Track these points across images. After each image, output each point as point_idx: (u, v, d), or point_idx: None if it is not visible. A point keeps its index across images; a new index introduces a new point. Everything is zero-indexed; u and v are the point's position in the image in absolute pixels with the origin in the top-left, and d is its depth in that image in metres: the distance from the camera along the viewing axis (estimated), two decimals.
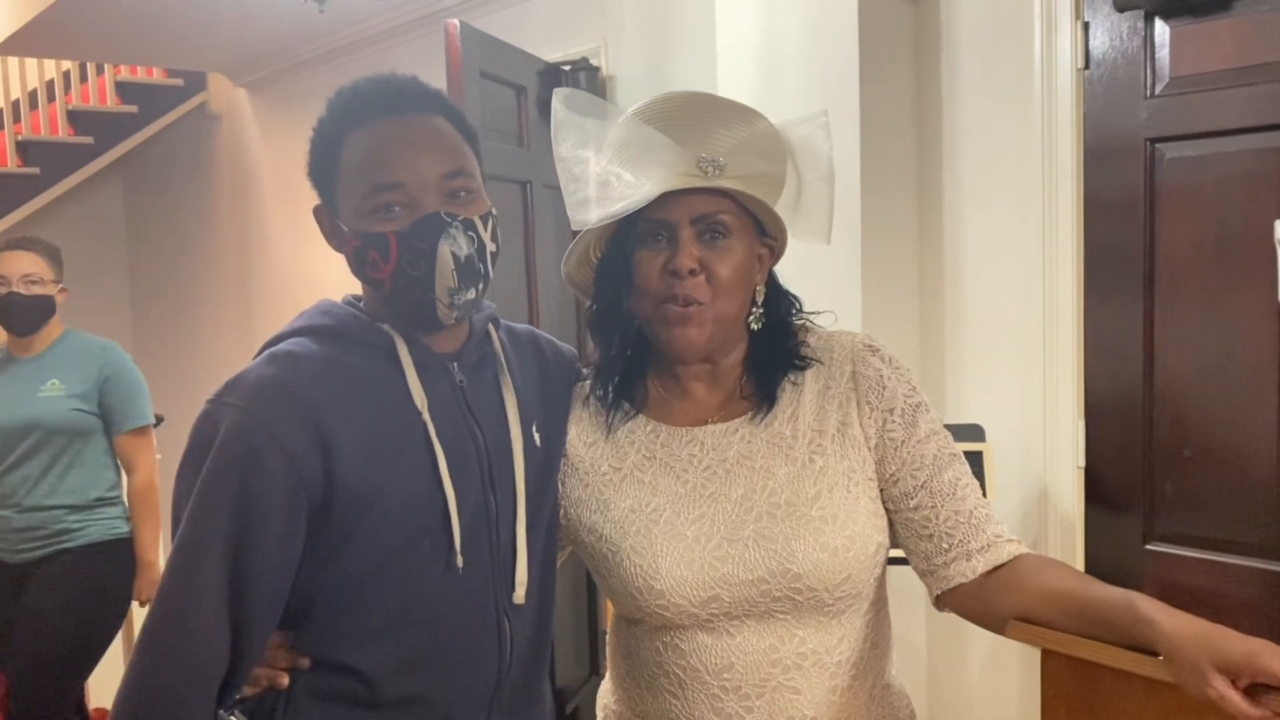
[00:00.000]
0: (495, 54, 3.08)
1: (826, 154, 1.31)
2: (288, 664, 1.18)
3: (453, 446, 1.20)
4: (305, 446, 1.11)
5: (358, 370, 1.18)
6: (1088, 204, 2.42)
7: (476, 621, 1.22)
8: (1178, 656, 1.03)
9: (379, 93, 1.20)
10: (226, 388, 1.15)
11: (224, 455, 1.10)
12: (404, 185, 1.16)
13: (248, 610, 1.11)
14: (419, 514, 1.17)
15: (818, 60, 2.61)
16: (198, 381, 6.44)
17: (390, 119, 1.18)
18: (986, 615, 1.24)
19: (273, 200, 5.71)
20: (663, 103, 1.25)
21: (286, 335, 1.22)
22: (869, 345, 1.32)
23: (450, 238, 1.15)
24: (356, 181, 1.17)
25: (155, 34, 5.01)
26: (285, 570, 1.13)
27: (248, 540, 1.10)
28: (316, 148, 1.22)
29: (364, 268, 1.19)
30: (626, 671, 1.35)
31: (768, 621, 1.23)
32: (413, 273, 1.15)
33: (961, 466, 1.30)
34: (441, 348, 1.24)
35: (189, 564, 1.10)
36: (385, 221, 1.16)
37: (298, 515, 1.12)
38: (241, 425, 1.11)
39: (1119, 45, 2.34)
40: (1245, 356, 2.19)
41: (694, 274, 1.22)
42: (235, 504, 1.10)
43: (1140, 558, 2.37)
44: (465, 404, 1.24)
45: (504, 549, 1.24)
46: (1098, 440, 2.44)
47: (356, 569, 1.16)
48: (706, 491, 1.26)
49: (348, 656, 1.17)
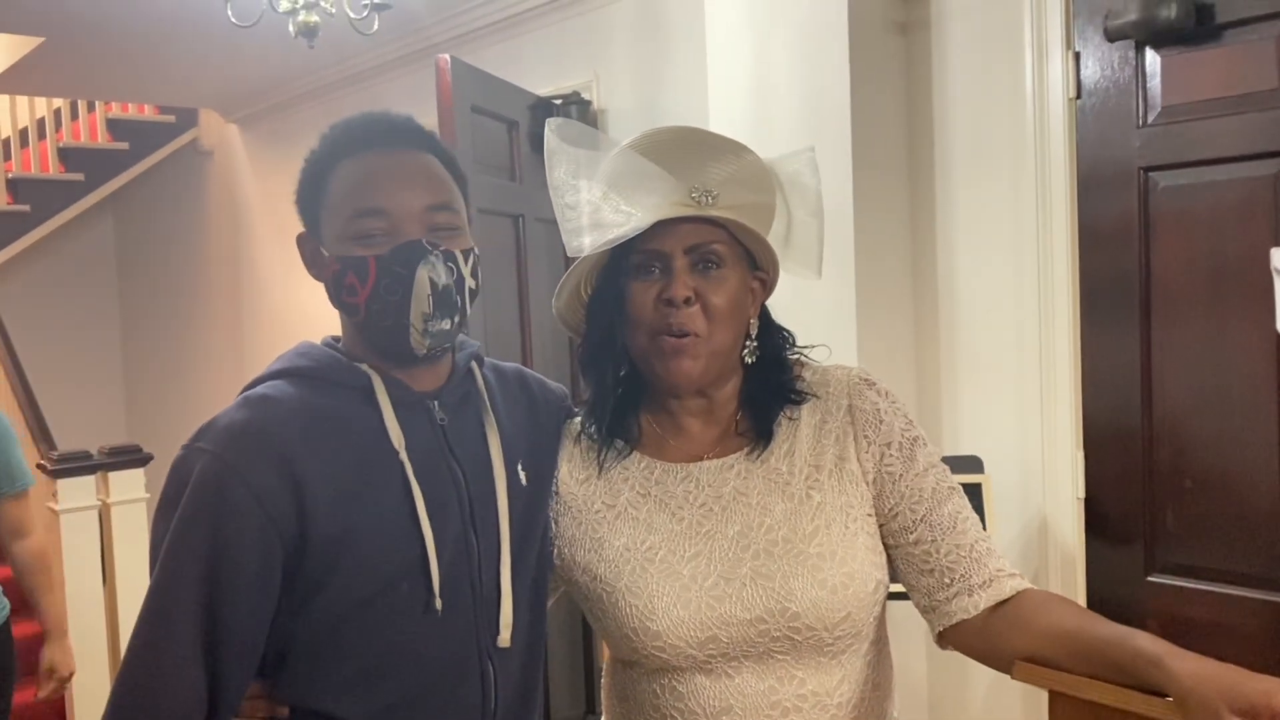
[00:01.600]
0: (487, 88, 3.09)
1: (815, 189, 1.30)
2: (265, 714, 1.16)
3: (431, 486, 1.18)
4: (277, 490, 1.10)
5: (332, 411, 1.17)
6: (1082, 233, 2.42)
7: (458, 666, 1.20)
8: (1190, 700, 1.00)
9: (372, 126, 1.22)
10: (199, 433, 1.14)
11: (195, 501, 1.10)
12: (387, 212, 1.16)
13: (223, 659, 1.09)
14: (396, 556, 1.15)
15: (809, 92, 2.62)
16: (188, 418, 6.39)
17: (380, 151, 1.19)
18: (991, 654, 1.22)
19: (264, 236, 5.70)
20: (653, 136, 1.25)
21: (264, 379, 1.22)
22: (865, 379, 1.31)
23: (430, 265, 1.15)
24: (341, 208, 1.18)
25: (146, 71, 5.03)
26: (261, 616, 1.12)
27: (221, 586, 1.09)
28: (305, 177, 1.23)
29: (341, 292, 1.19)
30: (623, 714, 1.32)
31: (766, 663, 1.21)
32: (389, 297, 1.15)
33: (961, 500, 1.28)
34: (421, 385, 1.23)
35: (162, 611, 1.09)
36: (366, 247, 1.16)
37: (272, 560, 1.11)
38: (212, 470, 1.10)
39: (1110, 75, 2.35)
40: (1244, 384, 2.18)
41: (689, 303, 1.21)
42: (208, 549, 1.09)
43: (1142, 590, 2.35)
44: (446, 443, 1.22)
45: (487, 591, 1.22)
46: (1097, 471, 2.42)
47: (333, 613, 1.14)
48: (703, 529, 1.24)
49: (326, 704, 1.15)
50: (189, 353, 6.48)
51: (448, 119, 2.82)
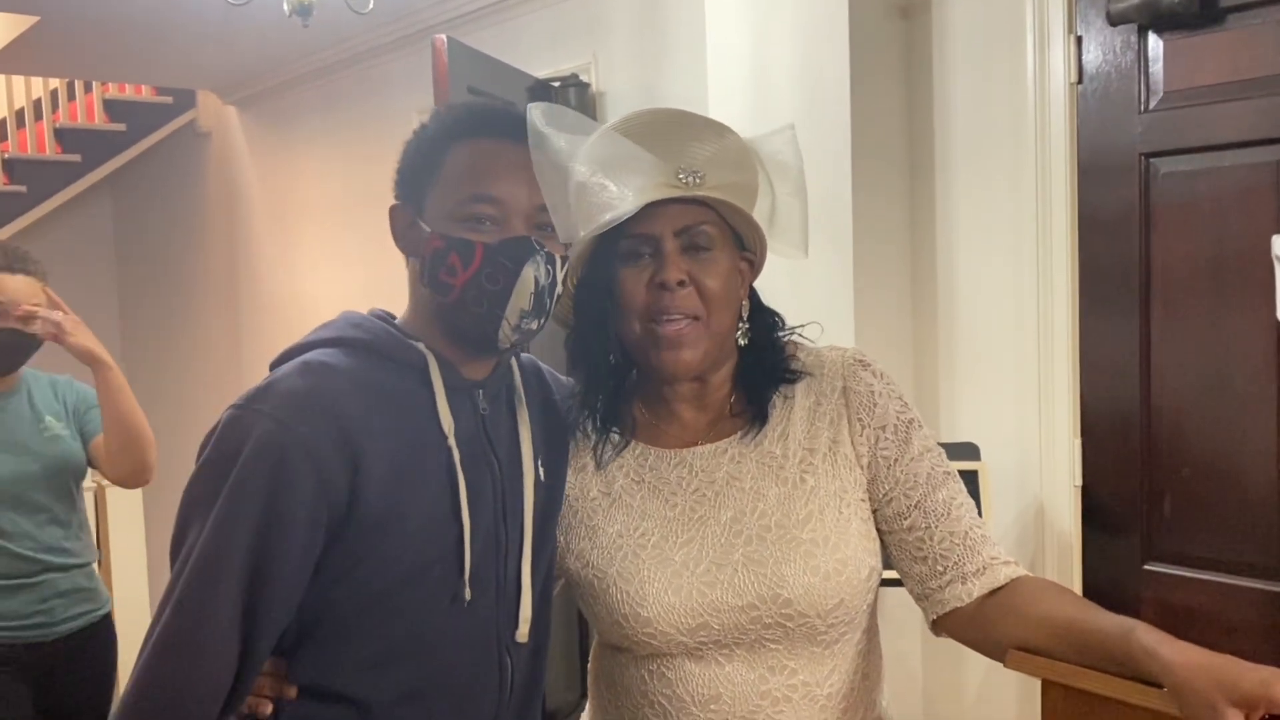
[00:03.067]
0: (484, 70, 3.07)
1: (797, 167, 1.28)
2: (274, 693, 1.14)
3: (472, 475, 1.18)
4: (335, 462, 1.08)
5: (389, 388, 1.16)
6: (1082, 219, 2.40)
7: (479, 657, 1.20)
8: (1185, 690, 0.99)
9: (495, 113, 1.23)
10: (256, 395, 1.11)
11: (254, 465, 1.07)
12: (501, 202, 1.17)
13: (259, 627, 1.07)
14: (433, 541, 1.15)
15: (809, 75, 2.60)
16: (185, 399, 6.39)
17: (501, 140, 1.19)
18: (984, 641, 1.21)
19: (262, 217, 5.69)
20: (633, 119, 1.23)
21: (313, 345, 1.19)
22: (860, 360, 1.29)
23: (536, 264, 1.16)
24: (454, 187, 1.18)
25: (142, 51, 5.00)
26: (298, 589, 1.10)
27: (269, 554, 1.07)
28: (416, 150, 1.22)
29: (438, 270, 1.17)
30: (610, 700, 1.31)
31: (758, 652, 1.20)
32: (490, 286, 1.15)
33: (956, 485, 1.27)
34: (470, 374, 1.22)
35: (208, 574, 1.06)
36: (474, 231, 1.16)
37: (317, 533, 1.09)
38: (273, 437, 1.07)
39: (1112, 59, 2.33)
40: (1243, 372, 2.16)
41: (682, 286, 1.19)
42: (261, 516, 1.06)
43: (1138, 578, 2.34)
44: (485, 432, 1.22)
45: (509, 585, 1.22)
46: (1095, 458, 2.41)
47: (364, 593, 1.13)
48: (695, 515, 1.24)
49: (344, 685, 1.14)
50: (186, 334, 6.47)
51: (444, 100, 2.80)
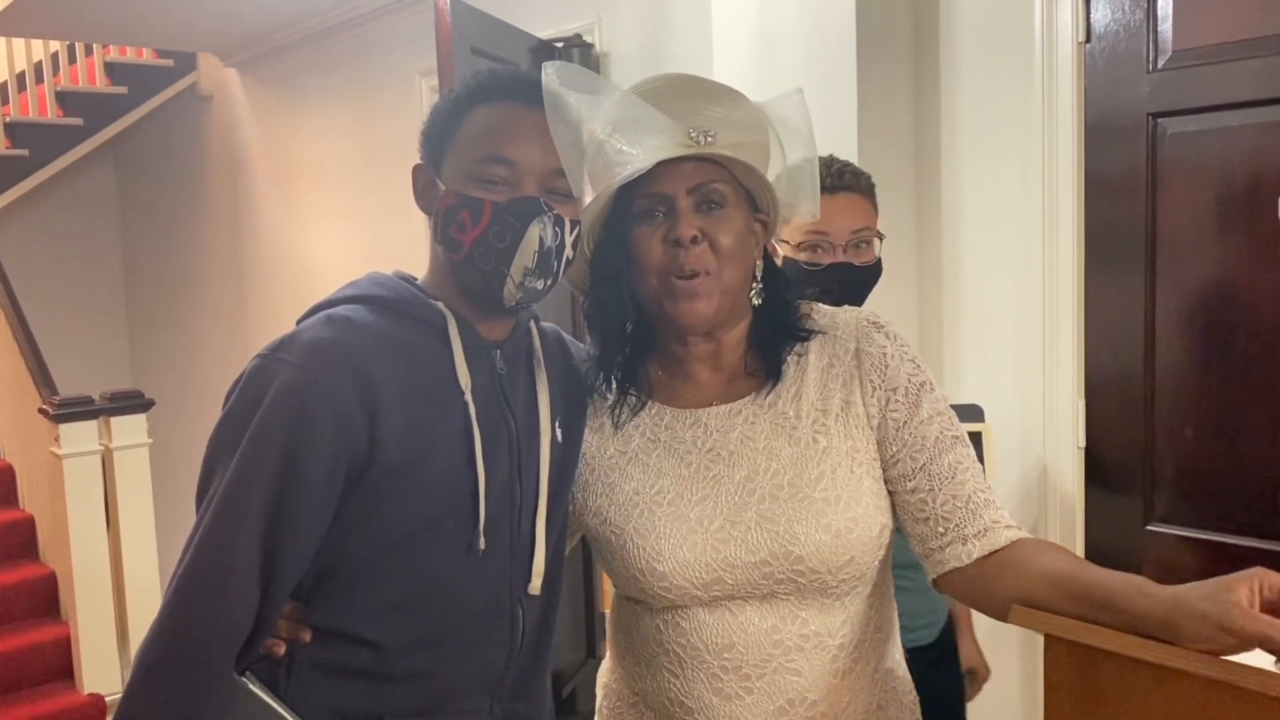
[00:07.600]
0: (487, 30, 3.05)
1: (807, 130, 1.30)
2: (288, 635, 1.17)
3: (487, 430, 1.21)
4: (355, 411, 1.12)
5: (409, 343, 1.20)
6: (1089, 180, 2.39)
7: (492, 606, 1.24)
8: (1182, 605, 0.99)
9: (518, 80, 1.25)
10: (280, 344, 1.15)
11: (276, 410, 1.11)
12: (514, 163, 1.20)
13: (278, 570, 1.11)
14: (449, 492, 1.19)
15: (815, 37, 2.58)
16: (190, 362, 6.41)
17: (519, 104, 1.22)
18: (985, 599, 1.22)
19: (264, 180, 5.67)
20: (648, 83, 1.25)
21: (338, 301, 1.23)
22: (873, 322, 1.31)
23: (542, 223, 1.18)
24: (470, 148, 1.21)
25: (143, 13, 4.96)
26: (316, 534, 1.14)
27: (289, 498, 1.10)
28: (439, 112, 1.26)
29: (450, 227, 1.21)
30: (626, 649, 1.34)
31: (770, 602, 1.23)
32: (497, 244, 1.18)
33: (964, 449, 1.27)
34: (489, 335, 1.26)
35: (231, 514, 1.09)
36: (486, 190, 1.20)
37: (336, 480, 1.13)
38: (295, 382, 1.11)
39: (1121, 18, 2.31)
40: (1247, 334, 2.17)
41: (695, 242, 1.21)
42: (282, 460, 1.10)
43: (1141, 538, 2.36)
44: (502, 391, 1.26)
45: (523, 539, 1.26)
46: (1098, 420, 2.42)
47: (381, 540, 1.16)
48: (710, 474, 1.26)
49: (361, 629, 1.17)
50: (192, 296, 6.47)
51: (447, 61, 2.78)
